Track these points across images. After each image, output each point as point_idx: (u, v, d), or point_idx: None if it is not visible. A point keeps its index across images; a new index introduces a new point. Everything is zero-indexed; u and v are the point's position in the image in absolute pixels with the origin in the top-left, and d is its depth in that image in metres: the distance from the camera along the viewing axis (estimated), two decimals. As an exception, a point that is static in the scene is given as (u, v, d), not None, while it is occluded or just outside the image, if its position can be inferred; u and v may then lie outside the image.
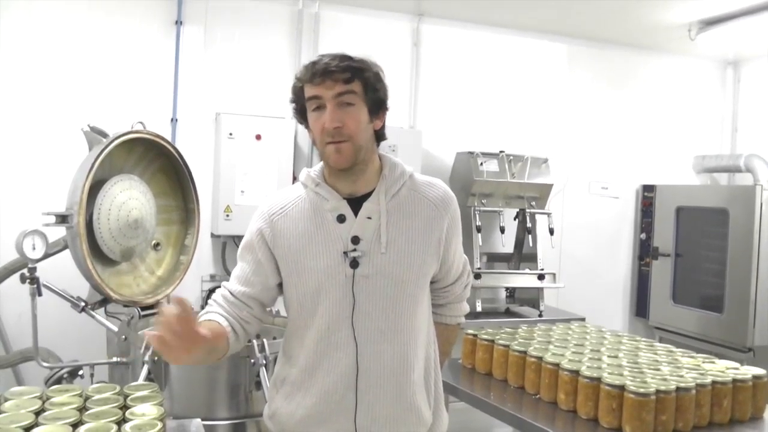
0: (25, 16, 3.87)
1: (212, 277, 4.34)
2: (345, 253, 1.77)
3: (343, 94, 1.72)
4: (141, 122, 3.26)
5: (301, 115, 1.82)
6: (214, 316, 1.83)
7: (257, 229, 1.86)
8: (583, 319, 4.14)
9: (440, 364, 2.00)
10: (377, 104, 1.80)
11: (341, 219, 1.79)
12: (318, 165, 1.89)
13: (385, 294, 1.78)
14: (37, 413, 1.78)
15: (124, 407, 1.85)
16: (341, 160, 1.75)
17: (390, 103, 1.86)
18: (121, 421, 1.74)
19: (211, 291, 4.25)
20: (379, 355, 1.78)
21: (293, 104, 1.83)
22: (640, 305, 5.45)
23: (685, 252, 5.15)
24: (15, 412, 1.78)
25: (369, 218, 1.79)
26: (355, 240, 1.77)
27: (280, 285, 1.89)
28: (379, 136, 1.84)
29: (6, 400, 1.88)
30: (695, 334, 4.90)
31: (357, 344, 1.77)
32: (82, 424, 1.71)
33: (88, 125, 3.19)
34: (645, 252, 5.42)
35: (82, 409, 1.83)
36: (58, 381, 3.07)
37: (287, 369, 1.87)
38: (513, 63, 5.10)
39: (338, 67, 1.72)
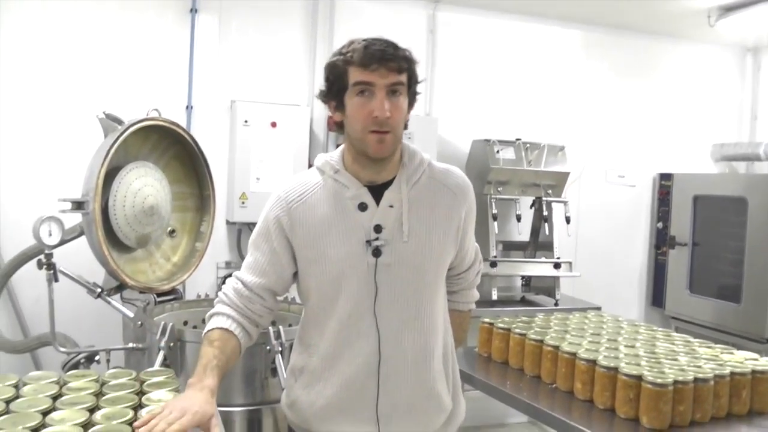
0: (41, 6, 3.87)
1: (227, 264, 4.35)
2: (368, 241, 1.75)
3: (395, 84, 1.70)
4: (156, 109, 3.26)
5: (336, 95, 1.76)
6: (224, 321, 1.79)
7: (274, 216, 1.82)
8: (599, 308, 4.11)
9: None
10: (414, 97, 1.81)
11: (363, 207, 1.77)
12: (336, 151, 1.87)
13: (407, 282, 1.77)
14: (55, 398, 1.79)
15: (140, 393, 1.86)
16: (383, 150, 1.73)
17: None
18: (137, 407, 1.74)
19: (226, 278, 4.30)
20: (401, 343, 1.78)
21: (327, 83, 1.78)
22: (657, 295, 5.41)
23: (702, 241, 5.10)
24: (33, 397, 1.79)
25: (391, 207, 1.77)
26: (378, 228, 1.75)
27: (295, 274, 1.88)
28: (405, 126, 1.82)
29: (24, 384, 1.89)
30: (712, 324, 4.85)
31: (379, 333, 1.76)
32: (99, 409, 1.71)
33: (104, 112, 3.19)
34: (661, 241, 5.37)
35: (98, 395, 1.84)
36: (75, 366, 3.08)
37: (305, 358, 1.86)
38: (529, 50, 5.05)
39: (394, 56, 1.70)
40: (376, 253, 1.75)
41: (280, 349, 2.74)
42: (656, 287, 5.42)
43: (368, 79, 1.69)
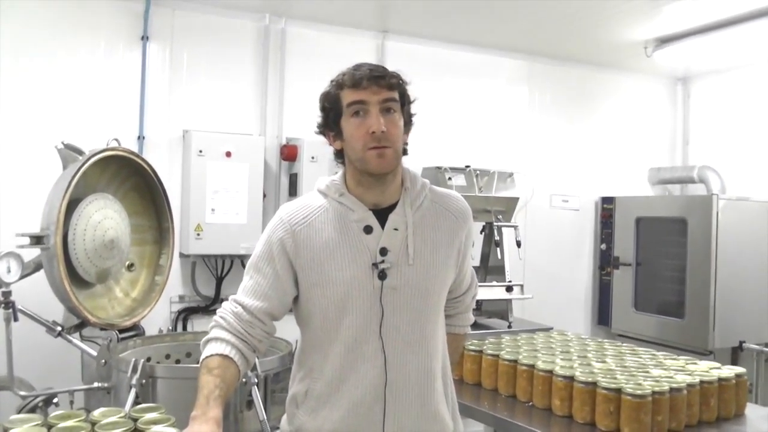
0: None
1: (181, 298, 4.24)
2: (374, 264, 1.75)
3: (388, 100, 1.73)
4: (116, 139, 3.20)
5: (333, 122, 1.80)
6: (222, 347, 1.73)
7: (278, 239, 1.79)
8: (550, 329, 4.19)
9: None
10: (409, 118, 1.83)
11: (368, 230, 1.78)
12: (337, 175, 1.87)
13: (412, 305, 1.78)
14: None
15: (136, 431, 1.79)
16: (384, 164, 1.74)
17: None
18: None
19: (180, 312, 4.20)
20: (405, 366, 1.78)
21: (324, 112, 1.82)
22: (602, 313, 5.58)
23: (645, 261, 5.30)
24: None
25: (396, 230, 1.78)
26: (383, 251, 1.76)
27: (294, 299, 1.85)
28: (404, 150, 1.84)
29: (7, 429, 1.80)
30: (657, 339, 5.02)
31: (385, 355, 1.76)
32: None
33: (62, 143, 3.10)
34: (605, 262, 5.56)
35: (92, 435, 1.77)
36: (33, 410, 2.94)
37: (308, 383, 1.83)
38: (476, 79, 5.19)
39: (384, 73, 1.74)
40: (382, 276, 1.75)
41: (256, 380, 2.69)
42: (602, 306, 5.59)
43: (361, 98, 1.73)
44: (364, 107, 1.73)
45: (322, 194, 1.85)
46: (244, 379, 2.68)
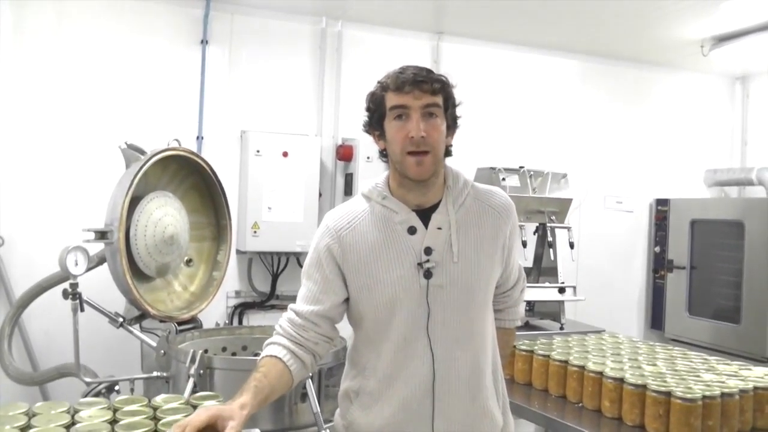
0: (56, 38, 3.91)
1: (237, 294, 4.35)
2: (419, 264, 1.79)
3: (429, 105, 1.76)
4: (177, 140, 3.30)
5: (377, 123, 1.84)
6: (273, 349, 1.81)
7: (325, 245, 1.85)
8: (602, 331, 4.16)
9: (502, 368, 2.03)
10: (453, 121, 1.86)
11: (412, 231, 1.81)
12: (380, 178, 1.92)
13: (458, 302, 1.82)
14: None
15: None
16: (422, 172, 1.78)
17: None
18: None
19: (237, 307, 4.33)
20: (454, 362, 1.81)
21: (369, 112, 1.86)
22: (656, 317, 5.50)
23: (699, 264, 5.21)
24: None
25: (439, 229, 1.82)
26: (428, 251, 1.80)
27: (346, 300, 1.90)
28: (448, 152, 1.87)
29: (76, 411, 1.90)
30: (712, 345, 4.92)
31: (433, 353, 1.80)
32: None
33: (125, 143, 3.23)
34: (659, 265, 5.48)
35: (153, 418, 1.86)
36: (96, 396, 3.07)
37: (360, 380, 1.89)
38: (530, 80, 5.19)
39: (427, 78, 1.76)
40: (428, 274, 1.79)
41: (310, 375, 2.75)
42: (655, 310, 5.52)
43: (402, 102, 1.76)
44: (406, 111, 1.76)
45: (366, 198, 1.90)
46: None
